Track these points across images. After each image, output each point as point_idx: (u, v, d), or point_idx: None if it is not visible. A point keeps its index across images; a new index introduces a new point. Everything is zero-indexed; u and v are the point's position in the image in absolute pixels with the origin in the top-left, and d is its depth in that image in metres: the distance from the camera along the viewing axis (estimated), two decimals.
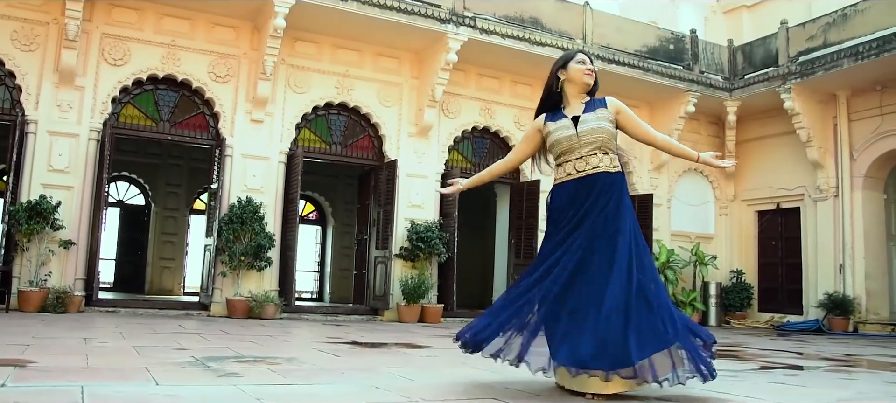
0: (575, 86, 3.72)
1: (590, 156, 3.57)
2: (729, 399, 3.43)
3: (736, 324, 13.82)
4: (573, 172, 3.60)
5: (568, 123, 3.65)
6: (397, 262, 11.37)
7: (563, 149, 3.64)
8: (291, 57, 11.10)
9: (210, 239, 10.49)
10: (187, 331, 6.86)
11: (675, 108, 13.62)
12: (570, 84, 3.73)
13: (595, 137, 3.58)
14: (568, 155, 3.63)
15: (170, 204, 16.70)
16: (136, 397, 2.97)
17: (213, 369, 3.97)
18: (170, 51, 10.35)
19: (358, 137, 11.80)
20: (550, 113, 3.78)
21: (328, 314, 11.28)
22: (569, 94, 3.74)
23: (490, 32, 11.47)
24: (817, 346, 8.34)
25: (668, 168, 14.21)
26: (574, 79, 3.70)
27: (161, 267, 16.44)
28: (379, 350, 5.81)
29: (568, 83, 3.73)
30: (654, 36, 13.60)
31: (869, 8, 12.03)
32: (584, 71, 3.68)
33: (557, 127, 3.69)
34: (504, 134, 12.71)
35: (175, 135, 10.71)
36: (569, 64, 3.73)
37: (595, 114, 3.64)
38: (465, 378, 3.93)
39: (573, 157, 3.60)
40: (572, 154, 3.62)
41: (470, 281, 14.68)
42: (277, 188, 10.88)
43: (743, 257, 14.78)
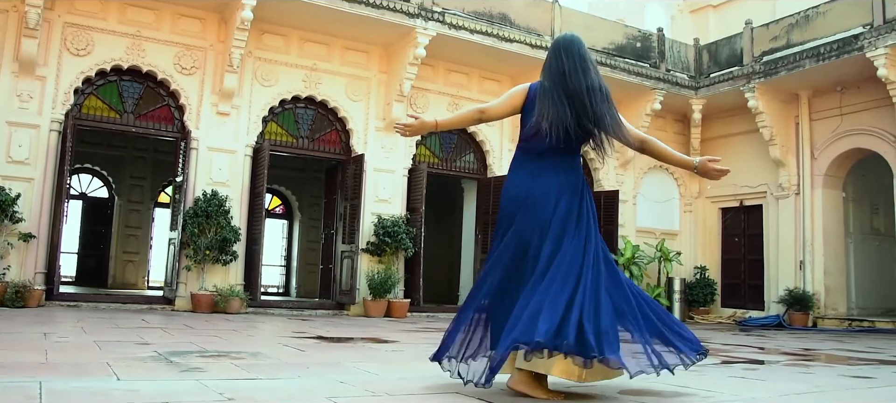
0: None
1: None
2: (690, 394, 3.49)
3: (699, 320, 14.01)
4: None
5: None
6: (364, 257, 11.34)
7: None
8: (259, 50, 11.01)
9: (175, 233, 10.38)
10: (150, 326, 6.78)
11: (642, 106, 13.75)
12: None
13: None
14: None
15: (134, 197, 16.48)
16: (95, 392, 2.94)
17: (176, 364, 3.94)
18: (134, 42, 10.20)
19: (325, 131, 11.75)
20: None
21: (294, 308, 11.22)
22: None
23: (459, 27, 11.48)
24: (777, 341, 8.49)
25: (634, 165, 14.35)
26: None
27: (124, 260, 16.21)
28: (344, 345, 5.80)
29: None
30: (621, 34, 13.72)
31: (830, 10, 12.26)
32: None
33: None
34: (471, 129, 12.71)
35: (139, 128, 10.56)
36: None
37: None
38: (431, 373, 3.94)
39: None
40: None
41: (437, 276, 14.71)
42: (243, 181, 10.79)
43: (707, 253, 14.99)
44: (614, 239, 13.43)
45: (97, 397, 2.83)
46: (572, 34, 3.62)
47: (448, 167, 12.87)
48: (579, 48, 3.52)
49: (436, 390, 3.34)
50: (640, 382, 3.75)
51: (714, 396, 3.46)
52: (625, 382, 3.71)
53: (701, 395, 3.47)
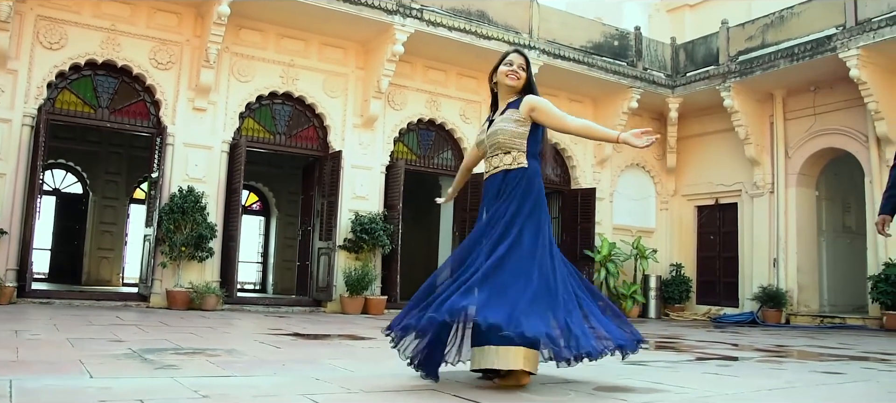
0: (503, 89, 3.85)
1: (492, 157, 3.78)
2: (664, 390, 3.52)
3: (675, 316, 14.13)
4: (489, 169, 3.80)
5: (485, 127, 3.89)
6: (341, 253, 11.32)
7: (483, 149, 3.87)
8: (235, 45, 10.94)
9: (150, 229, 10.29)
10: (125, 323, 6.72)
11: (619, 104, 13.83)
12: (500, 86, 3.86)
13: (497, 139, 3.73)
14: (487, 155, 3.85)
15: (108, 192, 16.30)
16: (67, 390, 2.91)
17: (151, 361, 3.91)
18: (109, 35, 10.08)
19: (302, 127, 11.70)
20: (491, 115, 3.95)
21: (271, 305, 11.17)
22: (500, 97, 3.89)
23: (437, 24, 11.47)
24: (751, 338, 8.59)
25: (611, 163, 14.43)
26: (501, 82, 3.84)
27: (99, 257, 16.03)
28: (321, 342, 5.79)
29: (499, 86, 3.87)
30: (599, 32, 13.78)
31: (804, 11, 12.40)
32: (506, 73, 3.80)
33: (481, 130, 3.95)
34: (449, 126, 12.74)
35: (114, 123, 10.45)
36: (498, 68, 3.85)
37: (504, 116, 3.77)
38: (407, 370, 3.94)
39: (488, 157, 3.82)
40: (487, 154, 3.83)
41: (414, 273, 14.63)
42: (220, 178, 10.72)
43: (682, 251, 15.12)
44: (591, 237, 13.51)
45: (69, 395, 2.80)
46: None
47: (426, 164, 12.86)
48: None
49: (412, 387, 3.35)
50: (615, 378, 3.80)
51: (687, 392, 3.49)
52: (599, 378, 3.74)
53: (674, 391, 3.51)
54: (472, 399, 3.00)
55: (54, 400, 2.69)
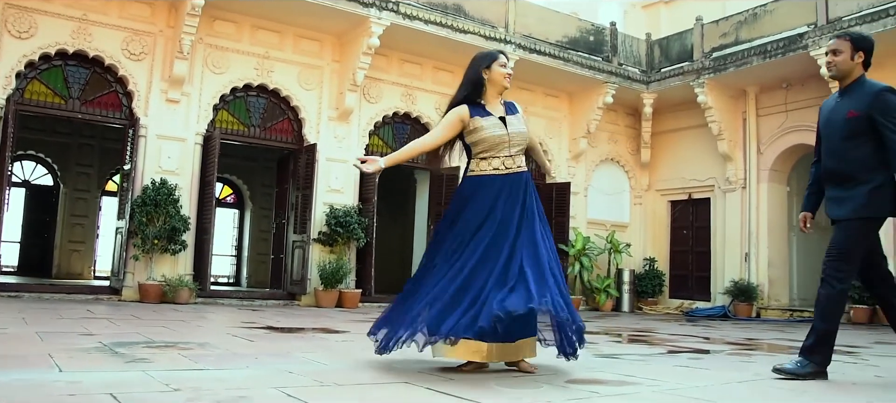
0: (494, 87, 3.93)
1: (517, 156, 3.87)
2: (636, 382, 3.55)
3: (648, 310, 14.25)
4: (501, 168, 3.82)
5: (497, 122, 3.88)
6: (315, 247, 11.28)
7: (491, 145, 3.84)
8: (210, 36, 10.84)
9: (122, 222, 10.18)
10: (96, 316, 6.65)
11: (594, 99, 13.91)
12: (490, 83, 3.93)
13: (522, 139, 3.90)
14: (495, 151, 3.84)
15: (80, 185, 16.10)
16: (35, 384, 2.87)
17: (122, 355, 3.87)
18: (81, 25, 9.94)
19: (277, 120, 11.63)
20: (472, 106, 3.93)
21: (244, 298, 11.11)
22: (488, 93, 3.95)
23: (413, 18, 11.45)
24: (722, 331, 8.69)
25: (586, 157, 14.50)
26: (495, 81, 3.92)
27: (70, 250, 15.84)
28: (294, 335, 5.78)
29: (489, 82, 3.93)
30: (575, 27, 13.84)
31: (777, 9, 12.55)
32: (505, 74, 3.92)
33: (488, 124, 3.87)
34: (425, 120, 12.72)
35: (86, 114, 10.32)
36: (493, 65, 3.92)
37: (516, 117, 3.94)
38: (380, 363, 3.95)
39: (501, 154, 3.83)
40: (500, 151, 3.83)
41: (388, 267, 14.68)
42: (193, 170, 10.63)
43: (656, 245, 15.25)
44: (566, 231, 13.57)
45: (37, 389, 2.77)
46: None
47: None
48: None
49: (385, 380, 3.36)
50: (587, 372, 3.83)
51: (659, 384, 3.53)
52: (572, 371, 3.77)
53: (646, 383, 3.54)
54: (444, 392, 3.01)
55: (22, 395, 2.66)
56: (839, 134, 3.97)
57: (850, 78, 4.01)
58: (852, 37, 4.03)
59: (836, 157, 3.99)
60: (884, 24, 10.80)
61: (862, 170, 3.87)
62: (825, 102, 4.24)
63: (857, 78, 3.99)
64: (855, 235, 3.88)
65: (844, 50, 3.98)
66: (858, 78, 3.99)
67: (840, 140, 3.96)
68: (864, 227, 3.88)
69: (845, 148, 3.93)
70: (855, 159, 3.86)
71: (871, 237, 3.94)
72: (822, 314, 3.91)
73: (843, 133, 3.95)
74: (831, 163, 4.01)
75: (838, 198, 3.91)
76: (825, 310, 3.91)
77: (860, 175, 3.87)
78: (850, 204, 3.88)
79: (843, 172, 3.94)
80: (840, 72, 4.02)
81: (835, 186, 4.00)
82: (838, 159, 3.96)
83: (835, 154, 4.00)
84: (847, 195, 3.83)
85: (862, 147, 3.86)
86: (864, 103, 3.88)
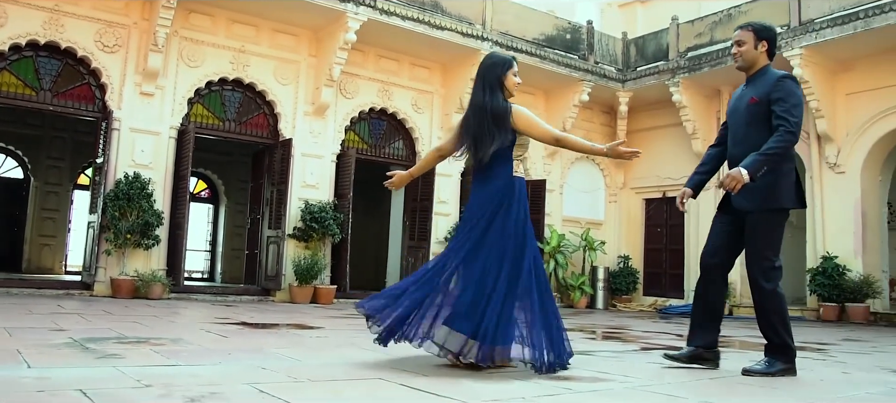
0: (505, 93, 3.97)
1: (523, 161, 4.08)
2: (608, 379, 3.58)
3: (622, 307, 14.36)
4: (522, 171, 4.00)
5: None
6: (290, 242, 11.23)
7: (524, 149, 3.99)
8: (185, 29, 10.74)
9: (94, 216, 10.06)
10: (67, 312, 6.58)
11: (570, 97, 13.97)
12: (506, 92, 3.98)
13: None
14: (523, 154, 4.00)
15: (51, 178, 15.87)
16: (3, 381, 2.83)
17: (92, 350, 3.83)
18: (52, 16, 9.80)
19: (253, 114, 11.55)
20: None
21: (218, 294, 11.03)
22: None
23: (390, 14, 11.42)
24: None
25: (561, 155, 14.56)
26: (509, 88, 3.96)
27: (40, 244, 15.62)
28: (268, 331, 5.75)
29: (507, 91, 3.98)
30: (551, 25, 13.89)
31: (751, 10, 12.68)
32: (516, 83, 3.99)
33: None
34: (401, 116, 12.71)
35: (57, 106, 10.18)
36: (508, 72, 3.95)
37: None
38: (354, 359, 3.95)
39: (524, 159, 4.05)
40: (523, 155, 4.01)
41: (364, 263, 14.68)
42: (167, 164, 10.53)
43: (630, 243, 15.37)
44: (541, 228, 13.63)
45: (5, 386, 2.73)
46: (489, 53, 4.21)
47: (377, 153, 12.82)
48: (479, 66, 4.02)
49: (359, 376, 3.35)
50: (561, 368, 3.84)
51: (631, 381, 3.56)
52: None
53: (619, 380, 3.57)
54: (417, 388, 3.01)
55: None
56: (743, 120, 4.08)
57: (756, 67, 4.12)
58: (754, 27, 4.15)
59: (740, 144, 4.07)
60: (853, 26, 10.96)
61: None
62: (734, 93, 4.35)
63: (762, 67, 4.11)
64: (766, 227, 3.97)
65: (748, 40, 4.10)
66: (763, 67, 4.11)
67: (744, 126, 4.07)
68: (773, 218, 3.96)
69: (749, 134, 4.02)
70: (758, 146, 3.91)
71: (782, 225, 4.00)
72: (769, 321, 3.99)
73: (746, 119, 4.05)
74: (737, 150, 4.09)
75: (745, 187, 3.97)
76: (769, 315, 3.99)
77: None
78: (757, 195, 3.94)
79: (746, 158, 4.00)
80: (745, 61, 4.13)
81: None
82: (742, 145, 4.04)
83: (740, 141, 4.09)
84: (752, 185, 3.88)
85: (764, 133, 3.93)
86: (765, 90, 3.98)
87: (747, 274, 4.05)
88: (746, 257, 4.03)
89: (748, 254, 4.02)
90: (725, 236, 4.16)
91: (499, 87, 3.91)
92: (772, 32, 4.12)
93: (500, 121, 3.83)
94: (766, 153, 3.80)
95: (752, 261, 3.99)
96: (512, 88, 3.95)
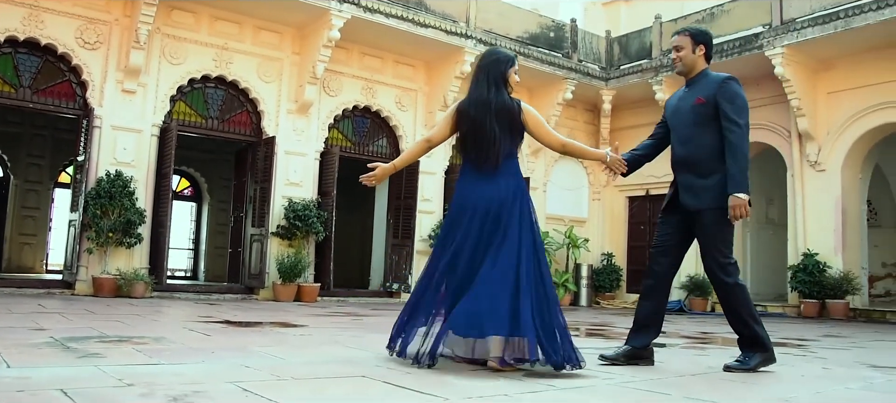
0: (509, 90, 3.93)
1: None
2: (591, 376, 3.60)
3: (605, 304, 14.42)
4: None
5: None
6: (274, 240, 11.19)
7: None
8: (167, 26, 10.67)
9: (75, 215, 9.98)
10: (47, 311, 6.52)
11: (554, 95, 14.00)
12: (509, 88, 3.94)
13: None
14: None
15: (31, 176, 15.72)
16: None
17: (73, 349, 3.80)
18: (32, 12, 9.70)
19: (236, 112, 11.49)
20: None
21: (201, 292, 10.98)
22: None
23: (374, 11, 11.40)
24: (678, 325, 8.83)
25: (545, 153, 14.58)
26: (511, 85, 3.93)
27: (21, 243, 15.46)
28: (252, 330, 5.73)
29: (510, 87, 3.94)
30: (535, 23, 13.92)
31: (733, 9, 12.78)
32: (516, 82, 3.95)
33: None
34: (385, 113, 12.70)
35: (37, 104, 10.08)
36: (511, 69, 3.91)
37: None
38: (338, 357, 3.94)
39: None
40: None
41: (348, 261, 14.65)
42: (150, 162, 10.46)
43: (613, 240, 15.44)
44: None
45: None
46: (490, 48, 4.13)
47: (361, 151, 12.79)
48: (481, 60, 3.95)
49: (343, 374, 3.35)
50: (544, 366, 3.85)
51: (614, 378, 3.58)
52: None
53: (602, 377, 3.59)
54: (401, 386, 3.01)
55: None
56: (688, 121, 4.15)
57: (695, 70, 4.20)
58: (691, 31, 4.24)
59: (687, 144, 4.15)
60: (834, 26, 11.07)
61: (712, 157, 4.03)
62: (671, 96, 4.43)
63: (701, 70, 4.19)
64: (717, 223, 4.03)
65: (686, 45, 4.19)
66: (702, 70, 4.19)
67: (690, 127, 4.14)
68: (724, 215, 4.01)
69: (695, 134, 4.10)
70: (705, 146, 4.04)
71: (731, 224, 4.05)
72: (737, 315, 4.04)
73: (692, 119, 4.12)
74: (683, 150, 4.18)
75: (693, 187, 4.05)
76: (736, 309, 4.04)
77: (712, 163, 4.03)
78: (707, 194, 4.02)
79: (694, 158, 4.10)
80: (685, 65, 4.21)
81: (688, 173, 4.14)
82: (689, 145, 4.13)
83: (685, 141, 4.17)
84: (701, 185, 4.01)
85: (711, 134, 4.03)
86: (710, 90, 4.06)
87: (705, 271, 4.13)
88: (702, 255, 4.11)
89: (704, 252, 4.09)
90: (675, 235, 4.24)
91: (504, 84, 3.87)
92: (708, 37, 4.23)
93: (512, 120, 3.81)
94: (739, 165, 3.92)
95: (708, 258, 4.07)
96: (513, 86, 3.93)
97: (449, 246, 3.77)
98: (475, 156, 3.82)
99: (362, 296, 12.43)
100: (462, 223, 3.77)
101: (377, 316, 8.29)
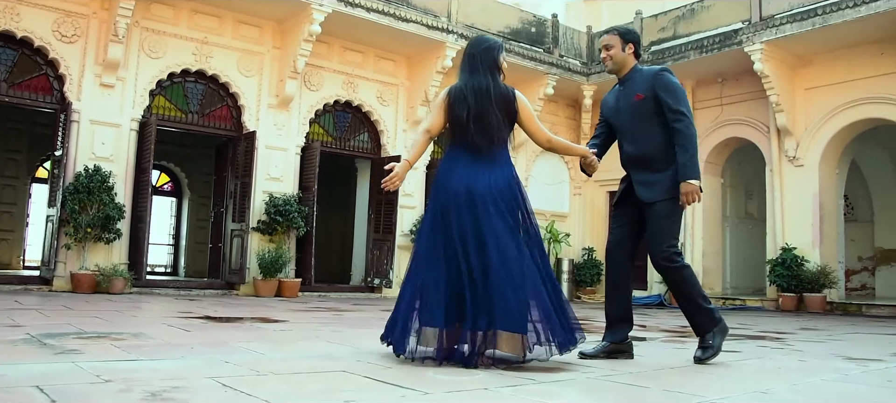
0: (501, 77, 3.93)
1: None
2: (571, 369, 3.61)
3: (586, 299, 14.49)
4: None
5: None
6: (254, 236, 11.14)
7: None
8: (146, 19, 10.57)
9: (53, 210, 9.88)
10: (25, 307, 6.46)
11: (535, 90, 14.02)
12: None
13: None
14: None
15: (8, 171, 15.53)
16: None
17: (50, 346, 3.77)
18: (7, 5, 9.58)
19: (216, 107, 11.42)
20: None
21: (182, 288, 10.92)
22: None
23: (355, 5, 11.36)
24: (658, 319, 8.90)
25: (526, 147, 14.62)
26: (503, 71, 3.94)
27: None
28: (232, 325, 5.70)
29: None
30: (517, 18, 13.93)
31: (713, 5, 12.87)
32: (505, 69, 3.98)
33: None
34: (366, 108, 12.67)
35: (13, 97, 9.96)
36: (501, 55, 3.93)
37: None
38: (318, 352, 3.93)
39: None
40: None
41: (329, 256, 14.61)
42: (129, 157, 10.37)
43: (594, 235, 15.50)
44: None
45: None
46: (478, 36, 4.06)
47: (342, 146, 12.76)
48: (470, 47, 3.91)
49: (323, 369, 3.35)
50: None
51: (593, 371, 3.60)
52: None
53: (581, 370, 3.61)
54: (381, 380, 3.01)
55: None
56: (631, 117, 4.21)
57: (626, 68, 4.27)
58: (619, 31, 4.31)
59: (636, 142, 4.21)
60: (812, 22, 11.17)
61: (661, 151, 4.09)
62: (606, 96, 4.49)
63: (631, 67, 4.26)
64: (668, 212, 4.08)
65: (615, 44, 4.25)
66: (633, 67, 4.26)
67: (633, 123, 4.20)
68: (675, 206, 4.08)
69: (640, 130, 4.16)
70: (651, 141, 4.11)
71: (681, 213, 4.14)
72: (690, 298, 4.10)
73: (634, 116, 4.19)
74: (634, 148, 4.23)
75: (646, 181, 4.10)
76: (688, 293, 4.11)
77: (661, 156, 4.09)
78: (659, 186, 4.08)
79: (644, 155, 4.15)
80: (615, 64, 4.28)
81: (640, 170, 4.19)
82: (638, 143, 4.19)
83: (632, 138, 4.23)
84: (654, 179, 4.08)
85: (657, 128, 4.10)
86: (646, 85, 4.13)
87: (652, 261, 4.17)
88: (649, 245, 4.15)
89: (651, 242, 4.13)
90: (628, 227, 4.28)
91: (497, 71, 3.86)
92: (636, 35, 4.32)
93: (508, 108, 3.81)
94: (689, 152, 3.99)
95: (656, 249, 4.11)
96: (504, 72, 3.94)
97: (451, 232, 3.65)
98: (474, 141, 3.73)
99: (344, 291, 12.42)
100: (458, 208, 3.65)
101: (358, 311, 8.28)
